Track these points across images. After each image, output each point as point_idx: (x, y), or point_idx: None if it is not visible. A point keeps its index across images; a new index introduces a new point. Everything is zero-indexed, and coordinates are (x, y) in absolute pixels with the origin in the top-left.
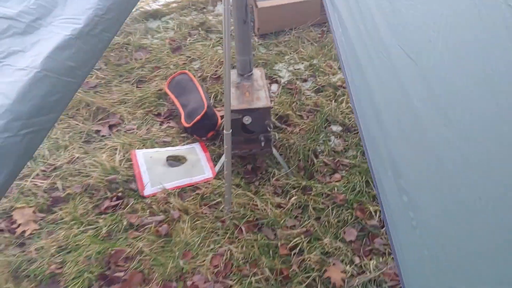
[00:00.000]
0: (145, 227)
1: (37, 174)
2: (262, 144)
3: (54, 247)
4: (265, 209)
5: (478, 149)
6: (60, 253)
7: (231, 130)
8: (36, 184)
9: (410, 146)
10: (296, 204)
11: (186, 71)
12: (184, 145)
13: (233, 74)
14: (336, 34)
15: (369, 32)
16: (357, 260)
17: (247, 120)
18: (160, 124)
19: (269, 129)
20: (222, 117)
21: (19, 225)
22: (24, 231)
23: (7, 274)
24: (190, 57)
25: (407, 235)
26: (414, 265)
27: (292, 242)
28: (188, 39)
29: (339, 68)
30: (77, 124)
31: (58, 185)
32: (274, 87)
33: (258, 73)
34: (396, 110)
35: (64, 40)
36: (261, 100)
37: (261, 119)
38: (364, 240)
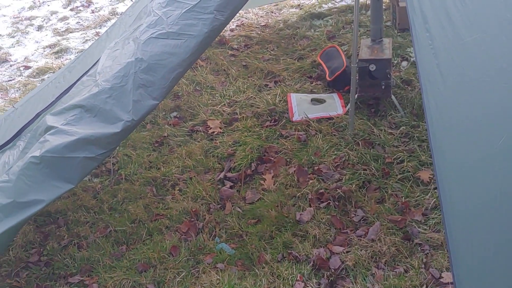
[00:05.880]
0: (291, 137)
1: (224, 104)
2: (383, 87)
3: (231, 141)
4: (379, 134)
5: None
6: (235, 145)
7: (357, 63)
8: (223, 109)
9: None
10: (403, 134)
11: (335, 44)
12: (326, 94)
13: (368, 40)
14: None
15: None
16: None
17: (372, 67)
18: (311, 83)
19: (389, 76)
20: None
21: (210, 128)
22: (213, 132)
23: (200, 153)
24: (341, 42)
25: None
26: None
27: (395, 155)
28: (341, 30)
29: None
30: (253, 80)
31: (237, 111)
32: (404, 63)
33: (386, 40)
34: None
35: None
36: (385, 54)
37: (383, 68)
38: None
